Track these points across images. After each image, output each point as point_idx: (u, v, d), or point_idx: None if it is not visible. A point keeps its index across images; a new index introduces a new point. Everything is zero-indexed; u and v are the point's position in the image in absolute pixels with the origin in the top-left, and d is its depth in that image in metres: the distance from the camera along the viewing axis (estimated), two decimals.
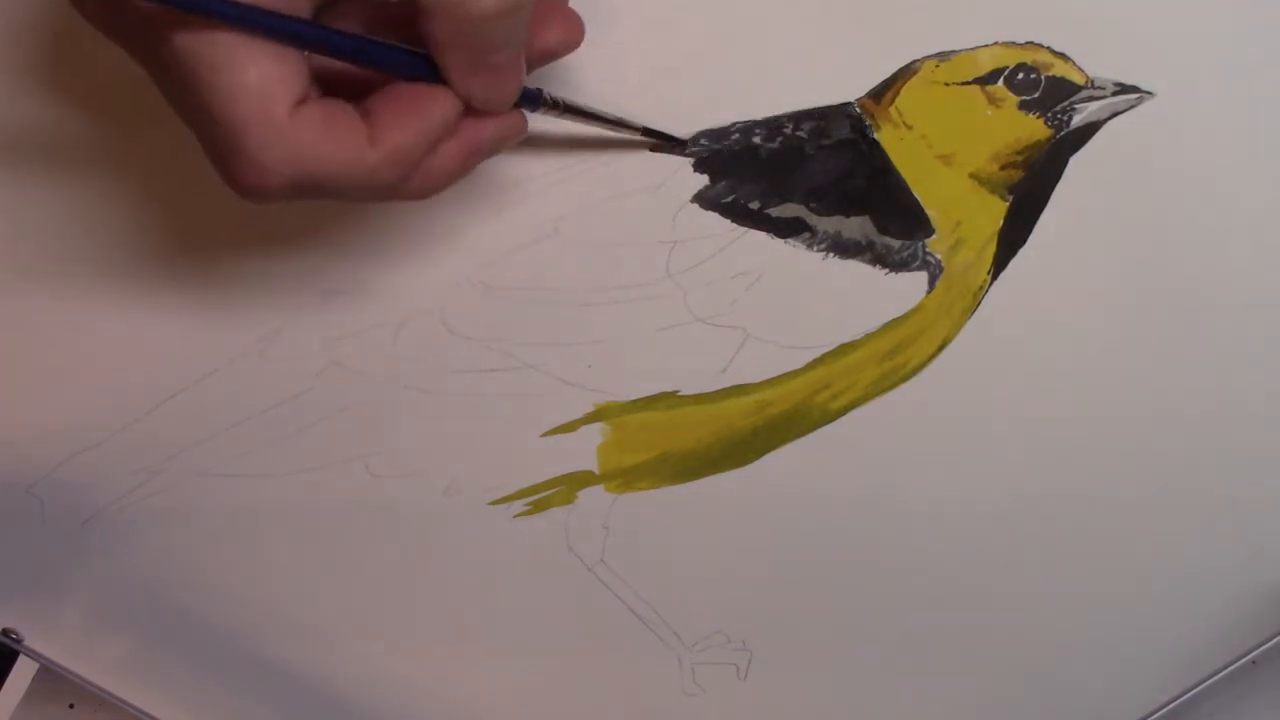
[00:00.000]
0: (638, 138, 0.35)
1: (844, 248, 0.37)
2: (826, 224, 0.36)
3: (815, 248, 0.37)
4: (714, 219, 0.36)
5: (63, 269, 0.37)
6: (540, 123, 0.33)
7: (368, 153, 0.27)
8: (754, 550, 0.41)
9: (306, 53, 0.26)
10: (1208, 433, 0.40)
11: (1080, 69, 0.35)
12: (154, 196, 0.37)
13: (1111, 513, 0.41)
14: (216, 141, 0.26)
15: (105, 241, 0.37)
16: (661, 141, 0.35)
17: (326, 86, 0.27)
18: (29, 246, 0.37)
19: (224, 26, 0.24)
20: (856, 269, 0.37)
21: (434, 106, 0.28)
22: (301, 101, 0.26)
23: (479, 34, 0.26)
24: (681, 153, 0.36)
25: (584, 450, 0.40)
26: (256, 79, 0.25)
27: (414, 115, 0.28)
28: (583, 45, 0.30)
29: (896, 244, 0.37)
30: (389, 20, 0.29)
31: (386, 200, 0.29)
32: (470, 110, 0.29)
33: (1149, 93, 0.35)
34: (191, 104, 0.26)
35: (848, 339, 0.38)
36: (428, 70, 0.28)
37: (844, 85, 0.35)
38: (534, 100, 0.30)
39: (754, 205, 0.36)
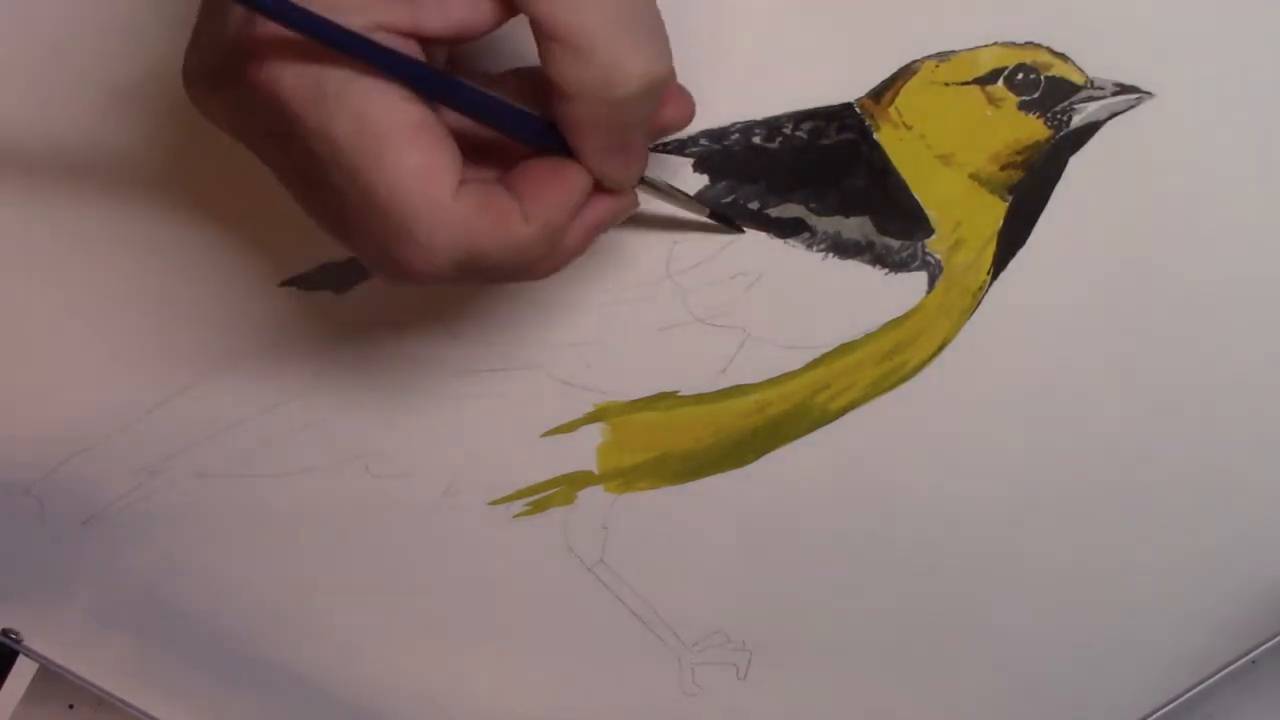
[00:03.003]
0: (703, 218, 0.36)
1: (844, 248, 0.37)
2: (826, 224, 0.36)
3: (815, 248, 0.37)
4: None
5: (64, 270, 0.37)
6: None
7: (523, 228, 0.27)
8: (754, 550, 0.41)
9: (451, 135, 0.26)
10: (1207, 432, 0.40)
11: (1080, 69, 0.35)
12: (157, 198, 0.37)
13: (1111, 512, 0.41)
14: (379, 232, 0.26)
15: (106, 242, 0.37)
16: (722, 225, 0.36)
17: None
18: (31, 247, 0.37)
19: (378, 116, 0.24)
20: (856, 269, 0.37)
21: (574, 180, 0.28)
22: (461, 183, 0.26)
23: (619, 117, 0.27)
24: (739, 230, 0.36)
25: (584, 450, 0.40)
26: (420, 164, 0.25)
27: (558, 189, 0.28)
28: None
29: (896, 244, 0.37)
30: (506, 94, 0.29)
31: (522, 280, 0.29)
32: (595, 189, 0.29)
33: (1149, 93, 0.35)
34: (351, 198, 0.25)
35: (847, 339, 0.38)
36: (554, 137, 0.28)
37: (844, 85, 0.35)
38: None
39: (754, 205, 0.36)
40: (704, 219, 0.36)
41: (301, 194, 0.27)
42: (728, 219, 0.36)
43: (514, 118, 0.28)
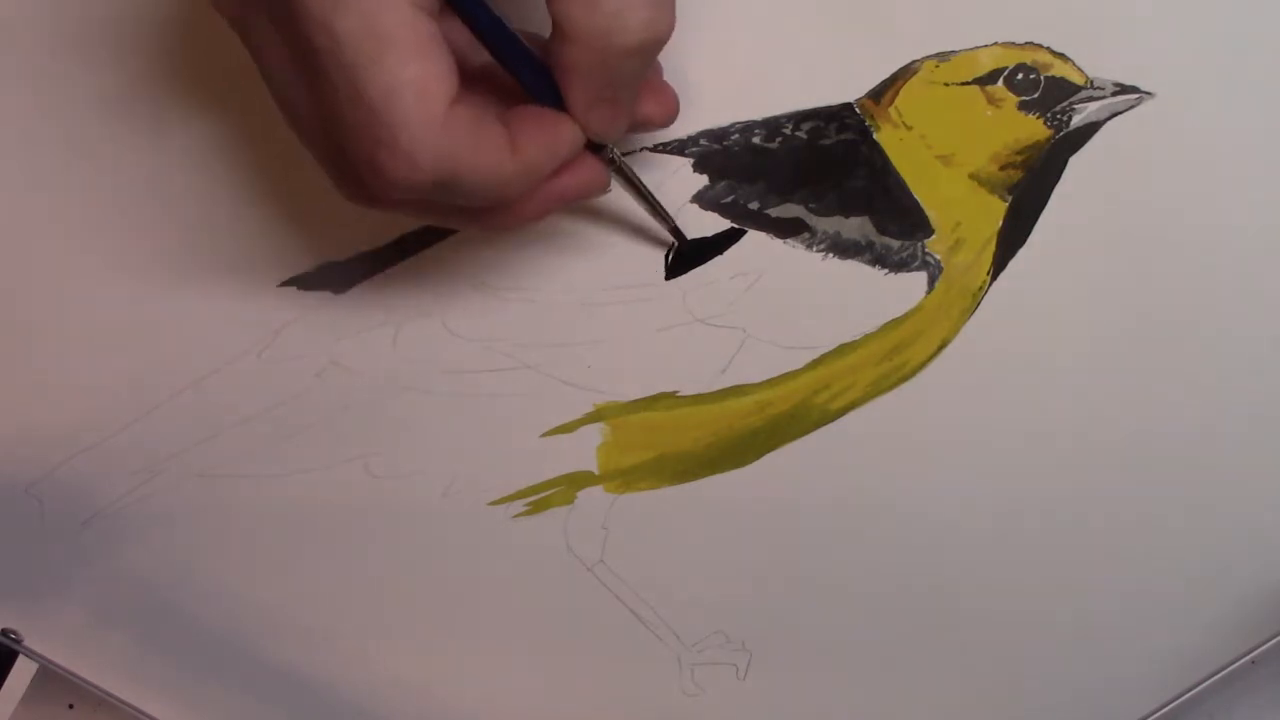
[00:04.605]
0: (661, 229, 0.36)
1: (843, 248, 0.37)
2: (826, 224, 0.36)
3: (815, 248, 0.37)
4: (714, 219, 0.36)
5: (63, 269, 0.38)
6: None
7: (508, 161, 0.27)
8: (754, 551, 0.41)
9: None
10: (1208, 432, 0.40)
11: (1080, 69, 0.35)
12: (154, 199, 0.37)
13: (1111, 512, 0.41)
14: (364, 135, 0.26)
15: (106, 242, 0.37)
16: (674, 240, 0.36)
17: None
18: (31, 247, 0.37)
19: (384, 18, 0.24)
20: (856, 269, 0.37)
21: (565, 132, 0.29)
22: (455, 102, 0.26)
23: (614, 66, 0.27)
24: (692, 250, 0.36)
25: (584, 450, 0.40)
26: (417, 74, 0.25)
27: (549, 136, 0.28)
28: None
29: (896, 244, 0.37)
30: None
31: (483, 224, 0.29)
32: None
33: (1149, 93, 0.35)
34: (340, 95, 0.25)
35: (847, 339, 0.38)
36: (551, 89, 0.28)
37: (844, 85, 0.35)
38: (598, 149, 0.31)
39: (754, 205, 0.36)
40: (663, 231, 0.36)
41: (284, 86, 0.27)
42: (683, 237, 0.36)
43: (520, 54, 0.28)
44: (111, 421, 0.39)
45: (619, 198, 0.36)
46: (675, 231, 0.35)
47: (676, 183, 0.36)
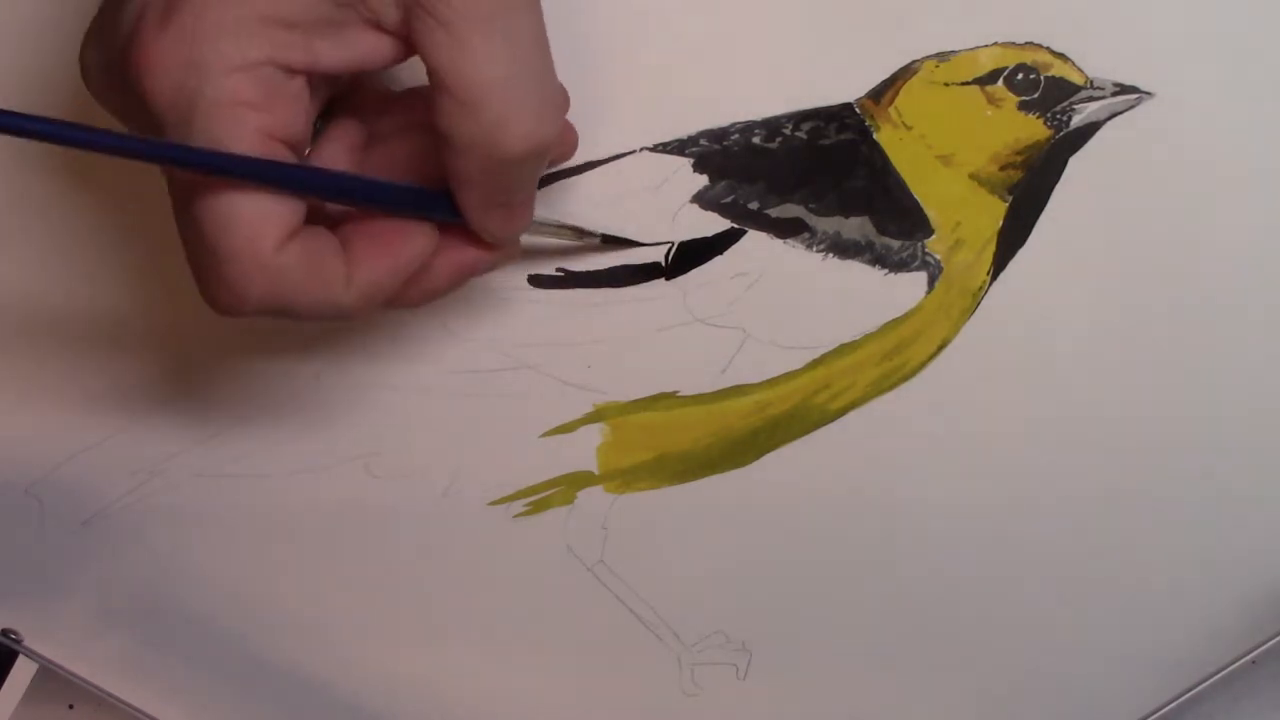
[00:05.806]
0: (595, 244, 0.36)
1: (843, 248, 0.37)
2: (826, 224, 0.36)
3: (815, 248, 0.37)
4: (714, 219, 0.36)
5: (65, 269, 0.38)
6: None
7: (342, 294, 0.28)
8: (754, 550, 0.41)
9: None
10: (1207, 432, 0.40)
11: (1080, 69, 0.35)
12: (157, 199, 0.37)
13: (1111, 513, 0.41)
14: (201, 262, 0.26)
15: (107, 242, 0.37)
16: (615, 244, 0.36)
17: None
18: (31, 247, 0.37)
19: (228, 149, 0.25)
20: (856, 269, 0.37)
21: (406, 247, 0.29)
22: (291, 237, 0.26)
23: (505, 174, 0.27)
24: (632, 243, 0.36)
25: (584, 451, 0.40)
26: (252, 212, 0.25)
27: (390, 256, 0.28)
28: (587, 41, 0.30)
29: (896, 244, 0.37)
30: (396, 114, 0.30)
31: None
32: (469, 236, 0.30)
33: (1149, 93, 0.35)
34: (181, 214, 0.26)
35: (847, 339, 0.38)
36: (415, 202, 0.28)
37: (844, 85, 0.35)
38: None
39: (753, 206, 0.36)
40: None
41: (172, 201, 0.28)
42: (619, 240, 0.36)
43: (368, 192, 0.28)
44: (111, 421, 0.39)
45: (621, 197, 0.36)
46: (615, 240, 0.36)
47: (677, 182, 0.36)
